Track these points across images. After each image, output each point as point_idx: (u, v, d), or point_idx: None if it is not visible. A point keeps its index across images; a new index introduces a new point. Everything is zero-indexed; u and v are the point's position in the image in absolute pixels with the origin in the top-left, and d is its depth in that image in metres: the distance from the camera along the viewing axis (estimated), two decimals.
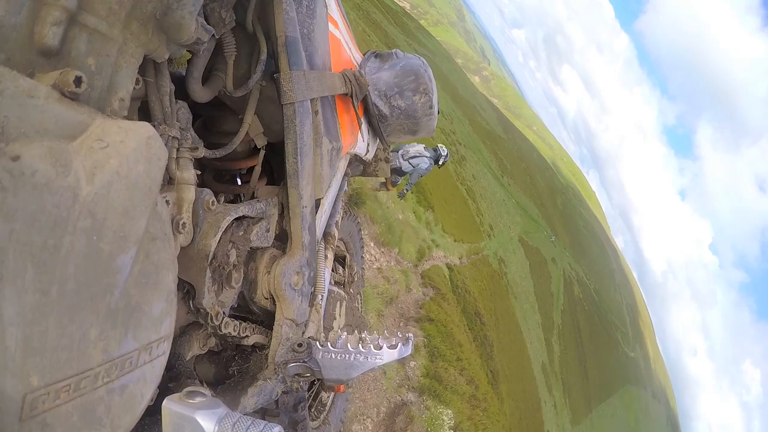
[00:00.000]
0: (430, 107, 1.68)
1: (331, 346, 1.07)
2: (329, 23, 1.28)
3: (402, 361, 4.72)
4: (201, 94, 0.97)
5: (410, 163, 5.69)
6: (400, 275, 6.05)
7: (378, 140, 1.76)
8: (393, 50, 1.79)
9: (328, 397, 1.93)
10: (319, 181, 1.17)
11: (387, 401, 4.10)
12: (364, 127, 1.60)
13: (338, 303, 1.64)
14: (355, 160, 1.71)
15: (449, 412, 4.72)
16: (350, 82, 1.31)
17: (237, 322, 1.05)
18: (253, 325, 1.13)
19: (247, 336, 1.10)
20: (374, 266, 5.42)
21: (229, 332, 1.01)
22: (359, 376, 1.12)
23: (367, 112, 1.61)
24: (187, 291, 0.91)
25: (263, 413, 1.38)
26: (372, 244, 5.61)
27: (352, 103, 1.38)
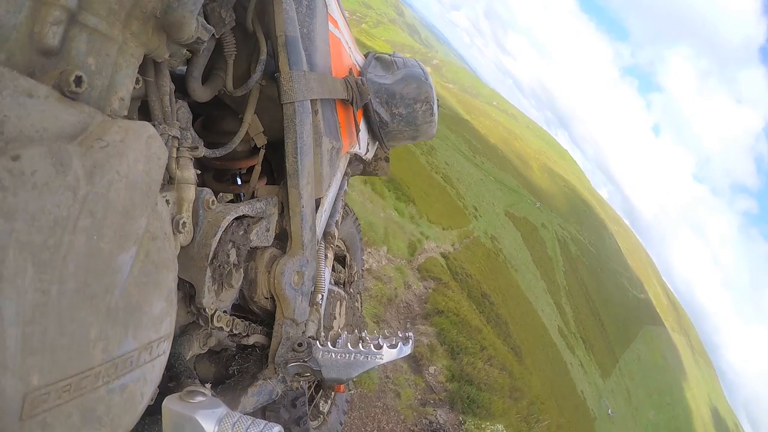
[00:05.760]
0: (431, 114, 1.71)
1: (332, 345, 1.07)
2: (329, 23, 1.28)
3: (419, 371, 3.93)
4: (201, 93, 0.97)
5: None
6: (395, 272, 5.63)
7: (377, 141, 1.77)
8: (392, 54, 1.81)
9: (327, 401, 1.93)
10: (320, 180, 1.17)
11: None
12: (363, 129, 1.61)
13: (338, 303, 1.64)
14: (355, 159, 1.72)
15: (500, 427, 3.57)
16: (352, 89, 1.32)
17: (238, 321, 1.05)
18: (253, 325, 1.13)
19: (247, 335, 1.10)
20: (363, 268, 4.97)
21: (230, 330, 1.01)
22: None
23: (367, 117, 1.63)
24: (187, 290, 0.91)
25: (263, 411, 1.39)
26: None
27: (352, 109, 1.39)
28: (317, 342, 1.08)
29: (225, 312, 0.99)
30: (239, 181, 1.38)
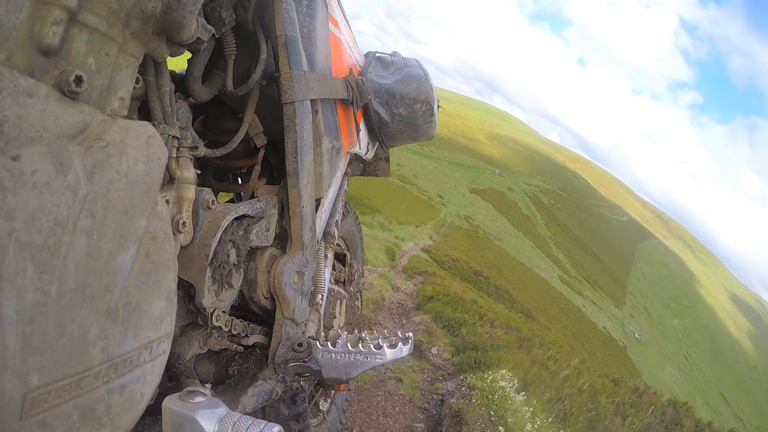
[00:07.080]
0: (431, 115, 1.71)
1: (331, 345, 1.07)
2: (329, 23, 1.28)
3: (423, 356, 3.93)
4: (201, 93, 0.96)
5: None
6: (378, 279, 5.71)
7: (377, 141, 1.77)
8: (393, 54, 1.80)
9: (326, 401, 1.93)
10: (320, 180, 1.17)
11: (423, 411, 3.05)
12: (363, 129, 1.61)
13: (338, 301, 1.64)
14: (355, 159, 1.72)
15: (503, 372, 3.58)
16: (352, 89, 1.31)
17: (237, 321, 1.05)
18: (253, 325, 1.13)
19: (246, 335, 1.10)
20: None
21: (229, 331, 1.01)
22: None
23: (367, 117, 1.63)
24: (186, 290, 0.91)
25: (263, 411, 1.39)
26: None
27: (353, 109, 1.39)
28: (317, 342, 1.08)
29: (224, 312, 0.99)
30: (239, 181, 1.38)
